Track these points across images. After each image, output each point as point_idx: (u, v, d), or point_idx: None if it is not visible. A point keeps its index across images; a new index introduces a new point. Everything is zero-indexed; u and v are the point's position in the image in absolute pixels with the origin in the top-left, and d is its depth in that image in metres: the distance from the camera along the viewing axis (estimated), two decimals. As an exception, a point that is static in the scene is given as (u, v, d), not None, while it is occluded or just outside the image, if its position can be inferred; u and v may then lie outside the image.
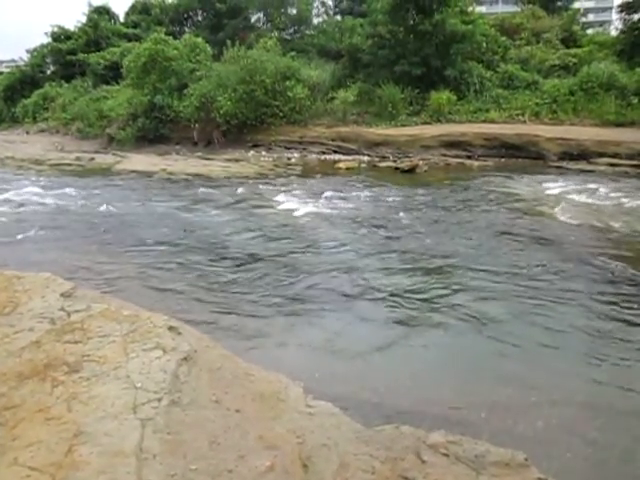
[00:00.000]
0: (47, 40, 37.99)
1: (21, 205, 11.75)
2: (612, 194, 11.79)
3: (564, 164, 16.84)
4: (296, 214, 10.54)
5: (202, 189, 13.84)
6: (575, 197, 11.52)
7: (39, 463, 2.03)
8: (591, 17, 50.66)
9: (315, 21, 34.67)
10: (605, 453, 3.48)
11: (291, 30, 33.83)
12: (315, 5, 35.67)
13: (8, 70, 43.09)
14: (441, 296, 6.08)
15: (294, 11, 33.53)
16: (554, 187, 12.80)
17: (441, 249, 7.93)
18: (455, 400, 4.03)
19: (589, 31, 33.21)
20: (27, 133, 32.14)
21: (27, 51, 39.00)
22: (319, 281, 6.63)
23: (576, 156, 17.28)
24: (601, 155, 16.88)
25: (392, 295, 6.14)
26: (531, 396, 4.08)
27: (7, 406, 2.35)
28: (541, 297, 6.00)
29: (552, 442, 3.53)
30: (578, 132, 18.42)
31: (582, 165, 16.48)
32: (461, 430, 3.06)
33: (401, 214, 10.36)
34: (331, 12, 37.22)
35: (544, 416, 3.81)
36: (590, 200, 11.19)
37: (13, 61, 46.35)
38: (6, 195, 12.89)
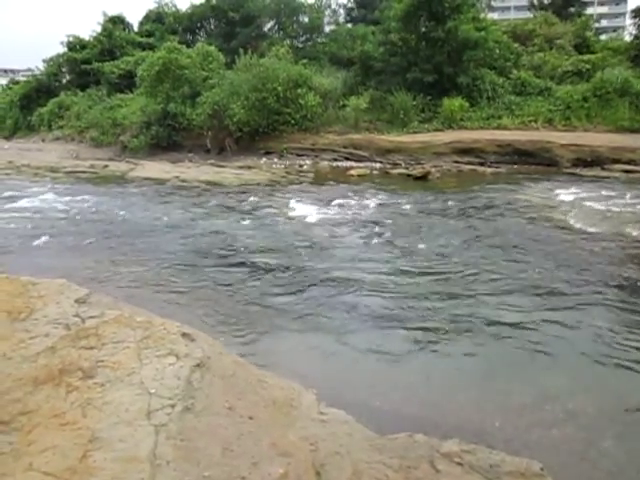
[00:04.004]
0: (63, 49, 38.50)
1: (36, 212, 11.90)
2: (627, 201, 11.67)
3: (577, 171, 16.71)
4: (309, 221, 10.55)
5: (215, 196, 13.91)
6: (589, 204, 11.41)
7: (54, 468, 2.04)
8: (604, 23, 50.45)
9: (327, 29, 34.74)
10: (622, 463, 3.43)
11: (303, 38, 33.93)
12: (327, 13, 35.79)
13: (25, 79, 43.67)
14: (455, 305, 6.04)
15: (306, 19, 33.63)
16: (568, 194, 12.69)
17: (456, 257, 7.89)
18: (469, 408, 4.00)
19: (602, 37, 33.06)
20: (43, 141, 32.52)
21: (43, 60, 39.47)
22: (333, 289, 6.62)
23: (590, 162, 17.14)
24: (615, 161, 16.73)
25: (406, 304, 6.11)
26: (546, 404, 4.03)
27: (23, 411, 2.37)
28: (557, 305, 5.95)
29: (568, 451, 3.49)
30: (592, 138, 18.28)
31: (596, 172, 16.34)
32: (475, 439, 3.03)
33: (414, 221, 10.33)
34: (342, 20, 37.32)
35: (559, 425, 3.76)
36: (605, 207, 11.07)
37: (29, 70, 46.98)
38: (22, 202, 13.07)
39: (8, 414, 2.34)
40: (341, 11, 37.48)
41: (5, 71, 73.99)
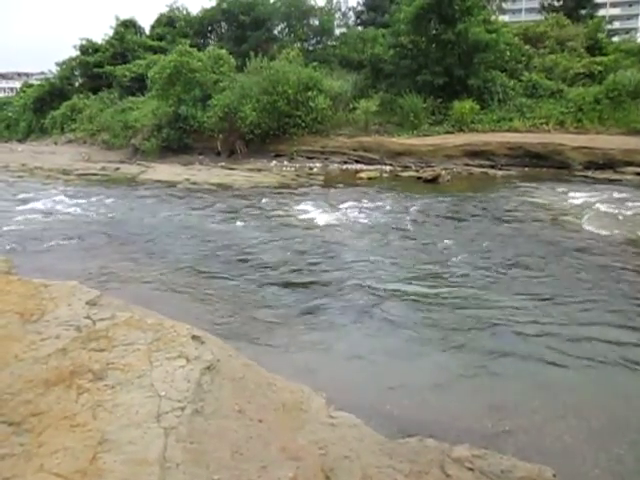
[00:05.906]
0: (75, 53, 38.86)
1: (49, 214, 11.99)
2: (640, 204, 11.55)
3: (589, 173, 16.56)
4: (318, 224, 10.55)
5: (225, 199, 13.95)
6: (602, 207, 11.30)
7: (64, 470, 2.04)
8: (617, 25, 49.97)
9: (337, 32, 34.77)
10: (635, 470, 3.38)
11: (313, 41, 33.97)
12: (337, 16, 35.82)
13: (38, 82, 44.10)
14: (465, 308, 6.01)
15: (316, 22, 33.68)
16: (580, 197, 12.58)
17: (466, 261, 7.84)
18: (480, 413, 3.96)
19: (615, 39, 32.74)
20: (55, 144, 32.79)
21: (56, 64, 39.86)
22: (342, 292, 6.61)
23: (602, 165, 16.98)
24: (628, 164, 16.55)
25: (415, 307, 6.09)
26: (558, 410, 3.99)
27: (34, 412, 2.38)
28: (568, 309, 5.89)
29: (580, 458, 3.44)
30: (604, 141, 18.11)
31: (608, 174, 16.17)
32: (486, 444, 3.00)
33: (424, 225, 10.29)
34: (352, 23, 37.34)
35: (571, 431, 3.72)
36: (617, 210, 10.96)
37: (43, 74, 47.46)
38: (35, 204, 13.19)
39: (19, 415, 2.35)
40: (351, 14, 37.54)
41: (19, 74, 74.82)
